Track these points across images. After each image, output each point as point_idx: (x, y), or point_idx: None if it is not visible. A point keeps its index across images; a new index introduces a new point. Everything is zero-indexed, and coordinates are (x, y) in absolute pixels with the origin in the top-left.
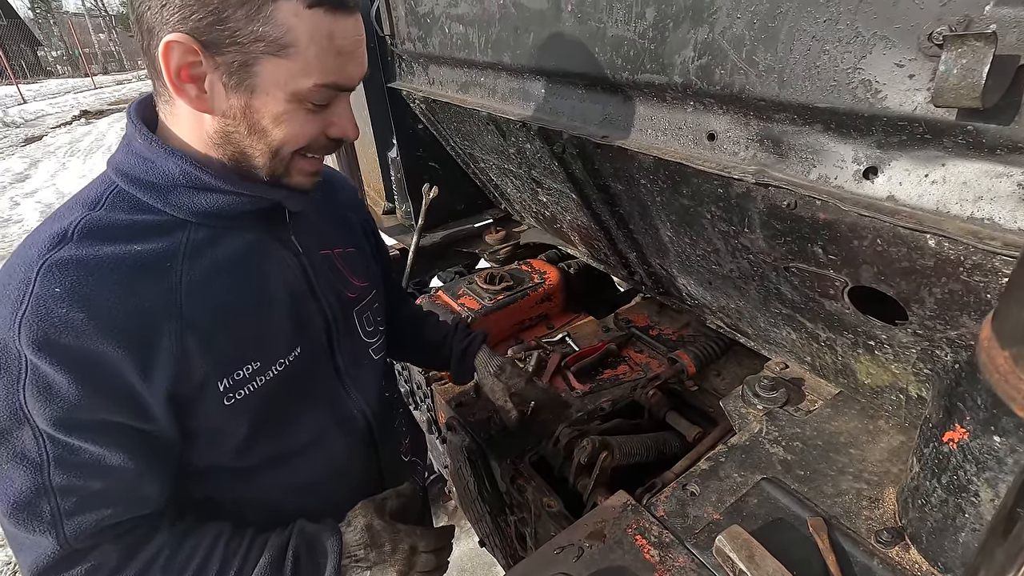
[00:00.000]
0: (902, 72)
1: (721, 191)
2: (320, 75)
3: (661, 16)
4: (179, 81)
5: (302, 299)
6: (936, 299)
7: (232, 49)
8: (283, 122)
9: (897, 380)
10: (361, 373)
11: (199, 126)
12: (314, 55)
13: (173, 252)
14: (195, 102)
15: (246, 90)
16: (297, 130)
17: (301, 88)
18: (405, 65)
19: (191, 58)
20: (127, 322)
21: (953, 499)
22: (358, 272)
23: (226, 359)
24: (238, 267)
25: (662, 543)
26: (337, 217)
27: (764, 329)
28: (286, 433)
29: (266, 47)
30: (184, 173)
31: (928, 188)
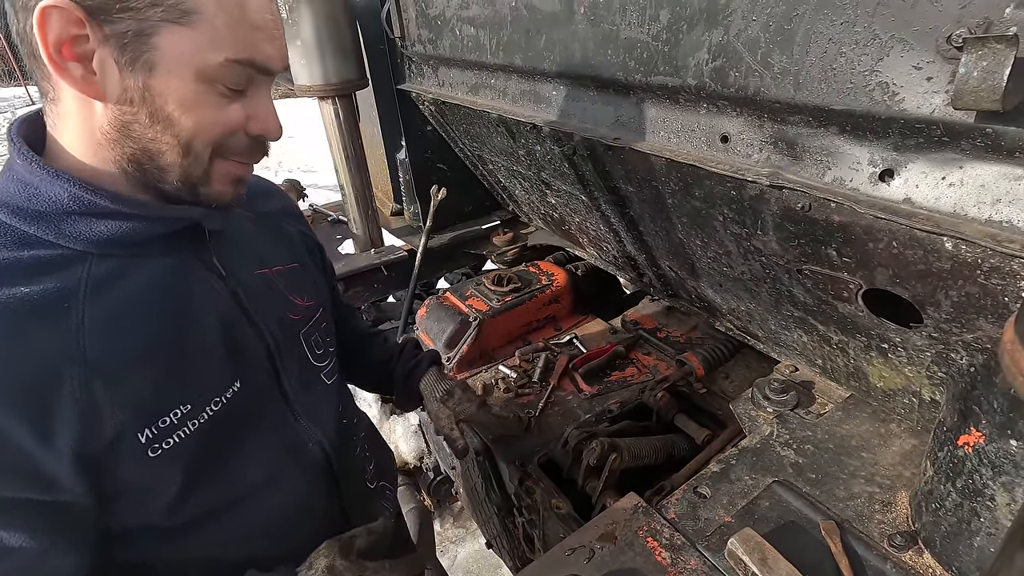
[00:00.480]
0: (920, 74)
1: (734, 193)
2: (232, 48)
3: (675, 18)
4: (60, 59)
5: (236, 327)
6: (952, 302)
7: (124, 16)
8: (192, 107)
9: (910, 383)
10: (314, 400)
11: (90, 121)
12: (223, 24)
13: (71, 291)
14: (82, 85)
15: (144, 67)
16: (210, 117)
17: (210, 63)
18: (415, 67)
19: (75, 30)
20: (17, 377)
21: (968, 503)
22: (302, 290)
23: (147, 406)
24: (154, 300)
25: (674, 545)
26: (273, 231)
27: (775, 332)
28: (232, 478)
29: (165, 13)
30: (74, 198)
31: (945, 191)
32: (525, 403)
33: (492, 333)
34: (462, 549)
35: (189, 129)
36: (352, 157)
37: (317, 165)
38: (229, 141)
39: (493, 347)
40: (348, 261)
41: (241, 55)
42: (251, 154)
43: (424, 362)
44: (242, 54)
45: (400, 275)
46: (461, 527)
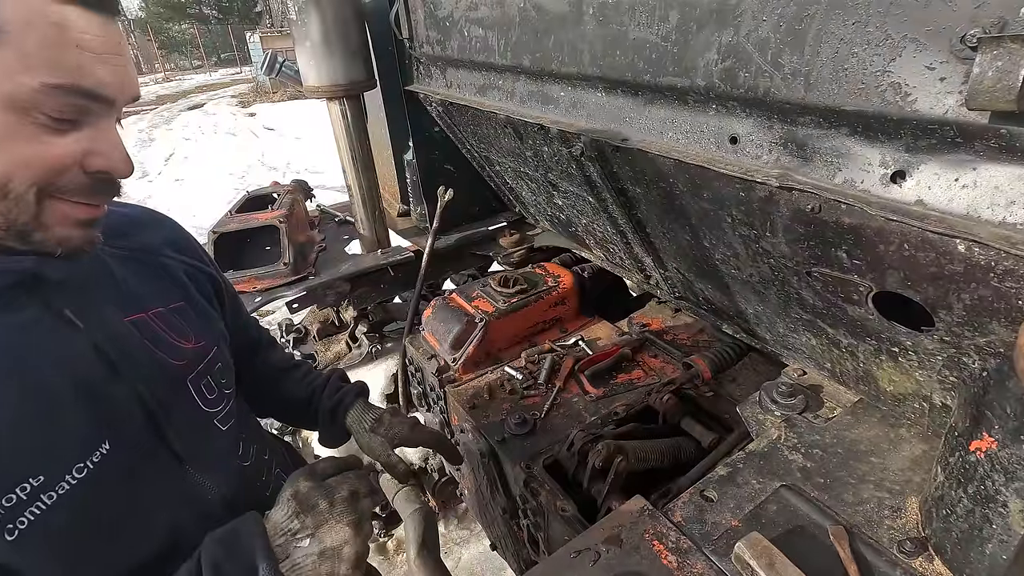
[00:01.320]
0: (933, 75)
1: (743, 195)
2: (49, 72)
3: (684, 19)
4: None
5: (99, 384)
6: (965, 305)
7: None
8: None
9: (921, 388)
10: (208, 450)
11: None
12: (35, 45)
13: None
14: None
15: None
16: (26, 153)
17: (21, 89)
18: (423, 68)
19: None
20: None
21: (980, 509)
22: (188, 332)
23: None
24: None
25: (680, 549)
26: (151, 268)
27: (783, 335)
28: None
29: None
30: None
31: (958, 192)
32: (531, 404)
33: (498, 334)
34: (466, 551)
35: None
36: (360, 158)
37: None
38: (60, 180)
39: (499, 348)
40: (355, 261)
41: (63, 80)
42: (93, 194)
43: (349, 396)
44: (64, 79)
45: (406, 276)
46: (466, 528)
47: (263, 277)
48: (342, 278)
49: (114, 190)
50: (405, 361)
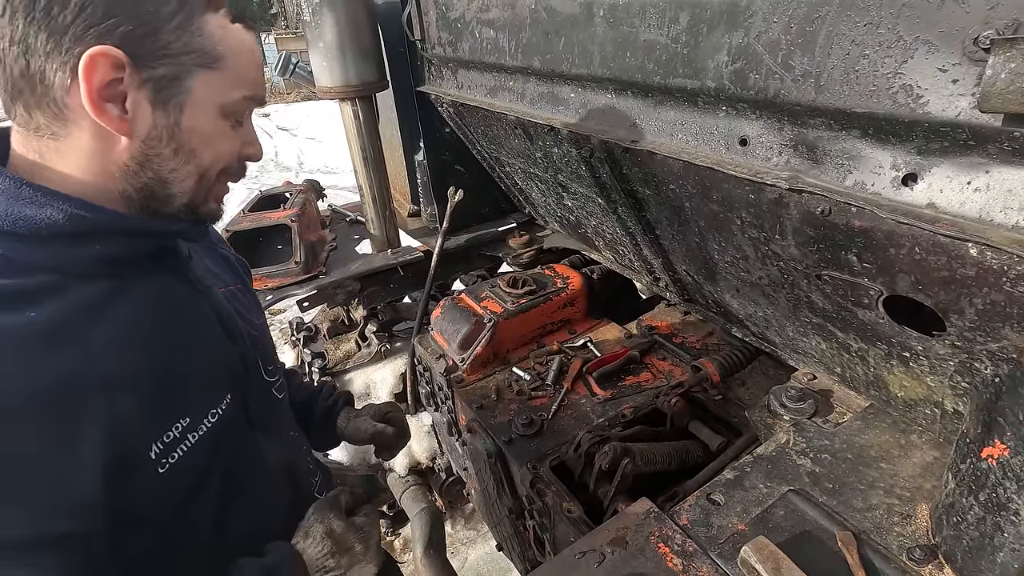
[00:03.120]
0: (945, 77)
1: (752, 197)
2: (247, 87)
3: (695, 21)
4: (100, 100)
5: (220, 345)
6: (977, 310)
7: (164, 63)
8: (213, 140)
9: (932, 393)
10: (270, 414)
11: (105, 156)
12: (242, 67)
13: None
14: (116, 123)
15: (175, 107)
16: (223, 148)
17: (232, 100)
18: (434, 69)
19: (115, 73)
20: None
21: (991, 517)
22: (251, 309)
23: (153, 421)
24: (148, 320)
25: (685, 552)
26: (214, 253)
27: (792, 338)
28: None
29: (199, 59)
30: (72, 218)
31: (971, 196)
32: (538, 405)
33: (506, 335)
34: (473, 551)
35: (208, 160)
36: (371, 158)
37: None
38: (228, 167)
39: (507, 349)
40: (365, 261)
41: (251, 91)
42: (236, 176)
43: (340, 400)
44: (252, 91)
45: (416, 276)
46: (472, 529)
47: (275, 275)
48: (352, 277)
49: (245, 172)
50: (414, 360)
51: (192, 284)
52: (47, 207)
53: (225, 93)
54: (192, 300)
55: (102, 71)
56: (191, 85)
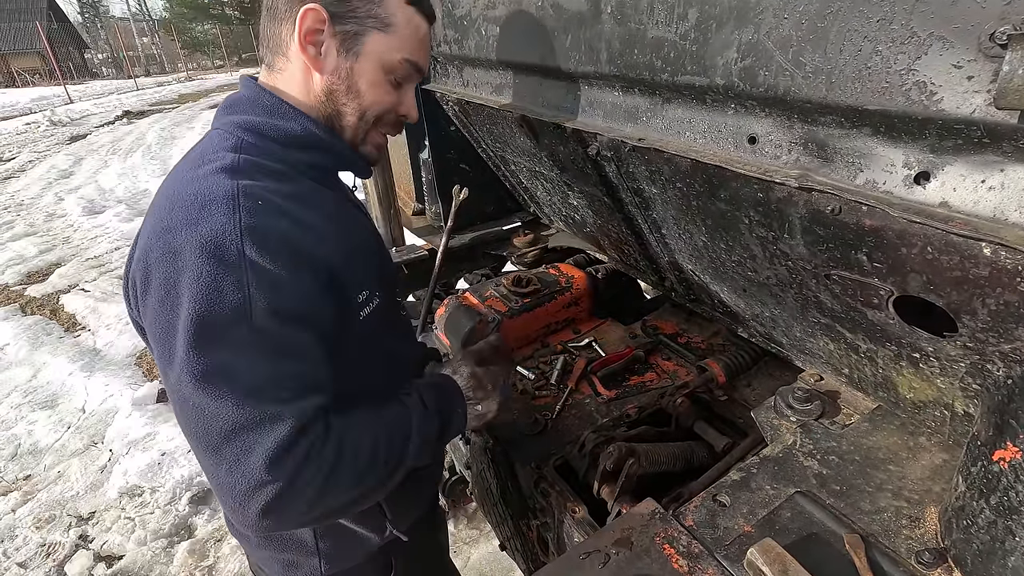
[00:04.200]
0: (960, 73)
1: (761, 195)
2: (408, 52)
3: (704, 17)
4: (305, 43)
5: (376, 247)
6: (990, 310)
7: (351, 21)
8: (374, 86)
9: (942, 395)
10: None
11: (308, 85)
12: (407, 36)
13: (303, 192)
14: (313, 60)
15: (352, 55)
16: (382, 96)
17: (393, 59)
18: (440, 67)
19: (318, 25)
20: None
21: (1002, 521)
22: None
23: (355, 279)
24: (341, 212)
25: (691, 553)
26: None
27: (800, 339)
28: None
29: (376, 23)
30: (305, 131)
31: (985, 194)
32: (542, 405)
33: (511, 334)
34: (475, 551)
35: (368, 101)
36: None
37: None
38: (386, 116)
39: (511, 348)
40: None
41: (412, 56)
42: (394, 129)
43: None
44: (413, 56)
45: (420, 274)
46: (475, 528)
47: None
48: None
49: (401, 129)
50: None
51: (354, 201)
52: (292, 121)
53: (390, 52)
54: (359, 213)
55: (310, 21)
56: (367, 40)
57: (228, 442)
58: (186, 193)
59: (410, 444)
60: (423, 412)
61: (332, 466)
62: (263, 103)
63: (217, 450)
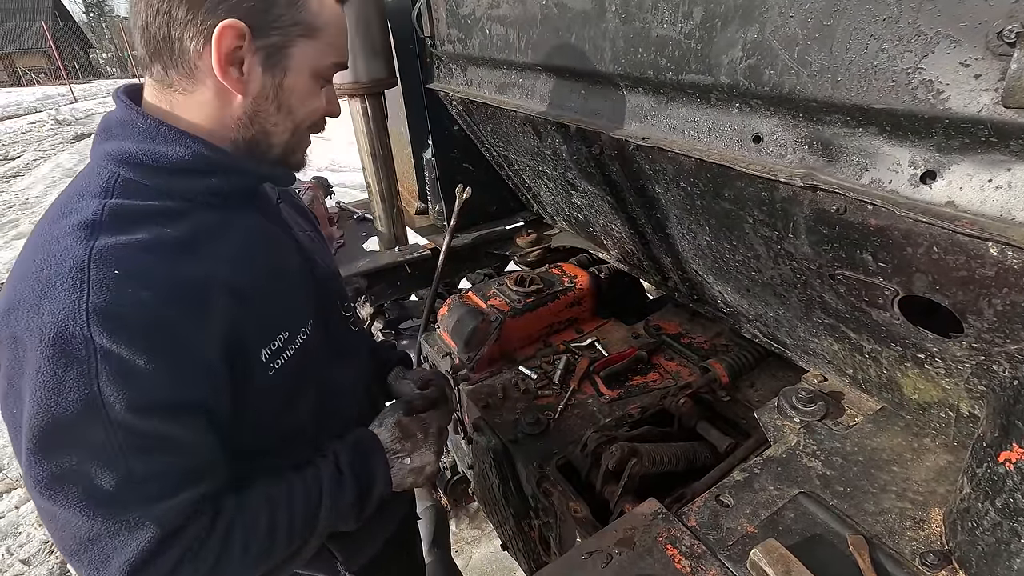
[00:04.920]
0: (967, 72)
1: (765, 195)
2: (336, 54)
3: (709, 16)
4: (226, 64)
5: (306, 275)
6: (996, 311)
7: (275, 33)
8: (306, 99)
9: (947, 396)
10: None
11: (223, 110)
12: (333, 37)
13: (196, 234)
14: (235, 84)
15: (280, 71)
16: (316, 106)
17: (323, 65)
18: (444, 66)
19: (238, 42)
20: (186, 294)
21: (1008, 523)
22: (325, 253)
23: (264, 327)
24: (256, 245)
25: (694, 553)
26: (293, 204)
27: (804, 339)
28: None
29: (301, 29)
30: (195, 155)
31: (992, 194)
32: (544, 405)
33: (513, 334)
34: (477, 550)
35: (302, 116)
36: (379, 155)
37: (344, 164)
38: (314, 123)
39: (514, 348)
40: (372, 258)
41: (340, 58)
42: (320, 128)
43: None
44: (340, 57)
45: (423, 273)
46: (476, 528)
47: None
48: (359, 274)
49: (325, 126)
50: (420, 358)
51: (280, 224)
52: (176, 144)
53: (319, 59)
54: (282, 236)
55: (229, 40)
56: (294, 52)
57: (84, 550)
58: (35, 260)
59: (321, 512)
60: (336, 477)
61: (217, 559)
62: (138, 126)
63: (75, 555)
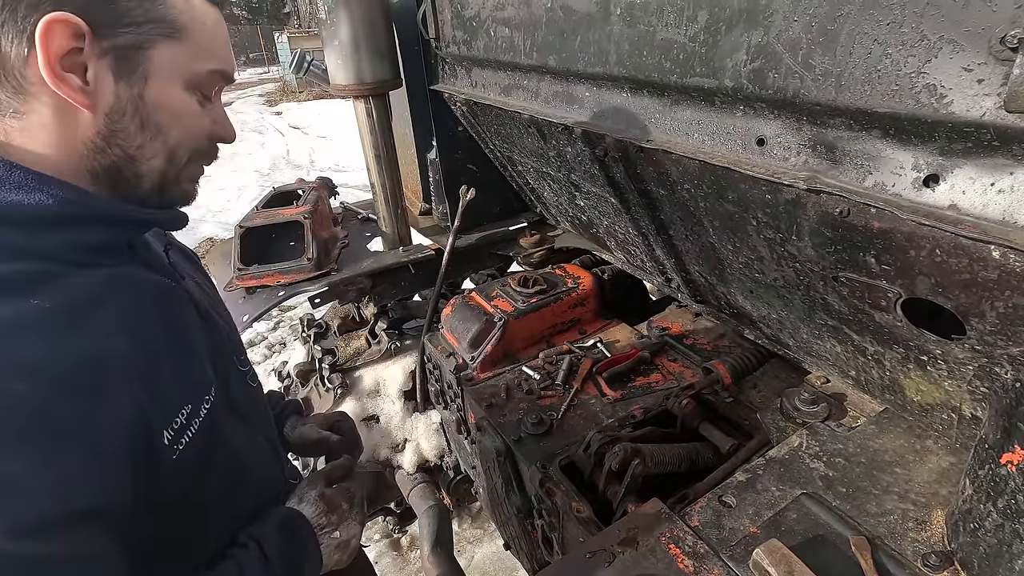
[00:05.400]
0: (970, 76)
1: (769, 197)
2: (215, 60)
3: (713, 19)
4: (60, 71)
5: (202, 333)
6: (998, 313)
7: (125, 31)
8: (180, 115)
9: (950, 398)
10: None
11: (69, 132)
12: (206, 39)
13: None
14: (76, 95)
15: (139, 78)
16: (194, 125)
17: (198, 72)
18: (448, 68)
19: (75, 42)
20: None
21: (1010, 524)
22: (217, 302)
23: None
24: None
25: (696, 553)
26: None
27: (807, 341)
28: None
29: (161, 28)
30: (64, 203)
31: (994, 197)
32: (548, 405)
33: (516, 334)
34: (479, 550)
35: (177, 136)
36: (384, 156)
37: (347, 165)
38: (200, 148)
39: (517, 348)
40: (376, 259)
41: (221, 66)
42: (209, 157)
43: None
44: (222, 65)
45: (427, 274)
46: (479, 528)
47: (287, 272)
48: (364, 275)
49: (216, 154)
50: (424, 358)
51: (169, 275)
52: (36, 192)
53: (190, 64)
54: (173, 290)
55: (60, 39)
56: (153, 55)
57: None
58: None
59: None
60: (263, 564)
61: None
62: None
63: None
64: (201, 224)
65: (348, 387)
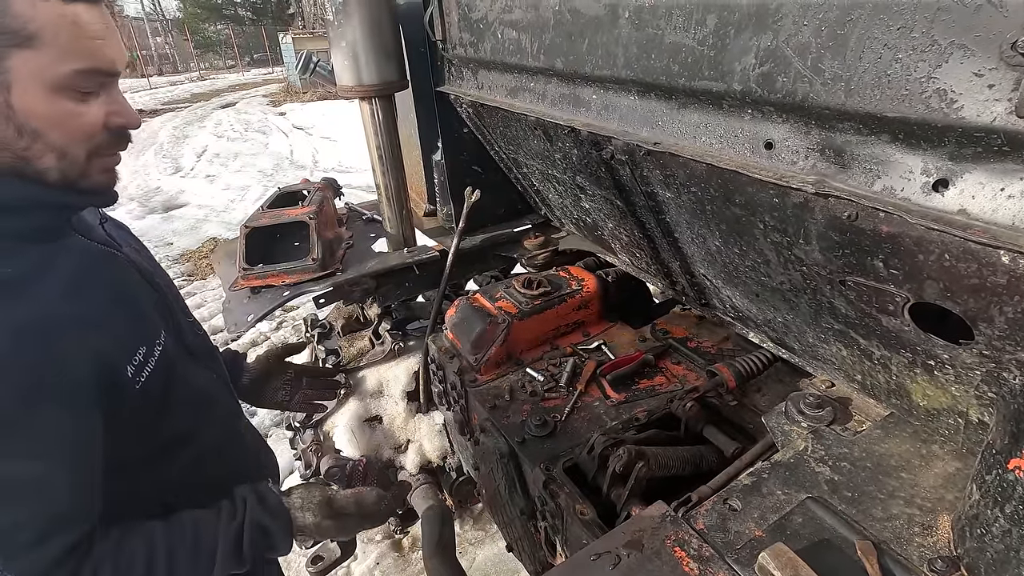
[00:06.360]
0: (981, 82)
1: (777, 201)
2: (79, 60)
3: (722, 23)
4: None
5: (147, 291)
6: (1007, 318)
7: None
8: (58, 120)
9: (957, 403)
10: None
11: None
12: (65, 41)
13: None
14: None
15: (2, 88)
16: (77, 126)
17: (61, 75)
18: (454, 69)
19: None
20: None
21: (1017, 530)
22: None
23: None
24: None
25: (701, 556)
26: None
27: (812, 345)
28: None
29: (10, 39)
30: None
31: (1004, 202)
32: (551, 407)
33: (520, 336)
34: (481, 551)
35: (60, 139)
36: (389, 157)
37: (351, 166)
38: (97, 141)
39: (521, 350)
40: (381, 259)
41: (86, 64)
42: (116, 146)
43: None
44: (86, 63)
45: (431, 275)
46: (481, 529)
47: (292, 272)
48: (368, 275)
49: (128, 140)
50: (427, 359)
51: (107, 245)
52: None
53: (51, 69)
54: (112, 257)
55: None
56: (9, 66)
57: None
58: None
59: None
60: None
61: None
62: None
63: None
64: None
65: (351, 388)
